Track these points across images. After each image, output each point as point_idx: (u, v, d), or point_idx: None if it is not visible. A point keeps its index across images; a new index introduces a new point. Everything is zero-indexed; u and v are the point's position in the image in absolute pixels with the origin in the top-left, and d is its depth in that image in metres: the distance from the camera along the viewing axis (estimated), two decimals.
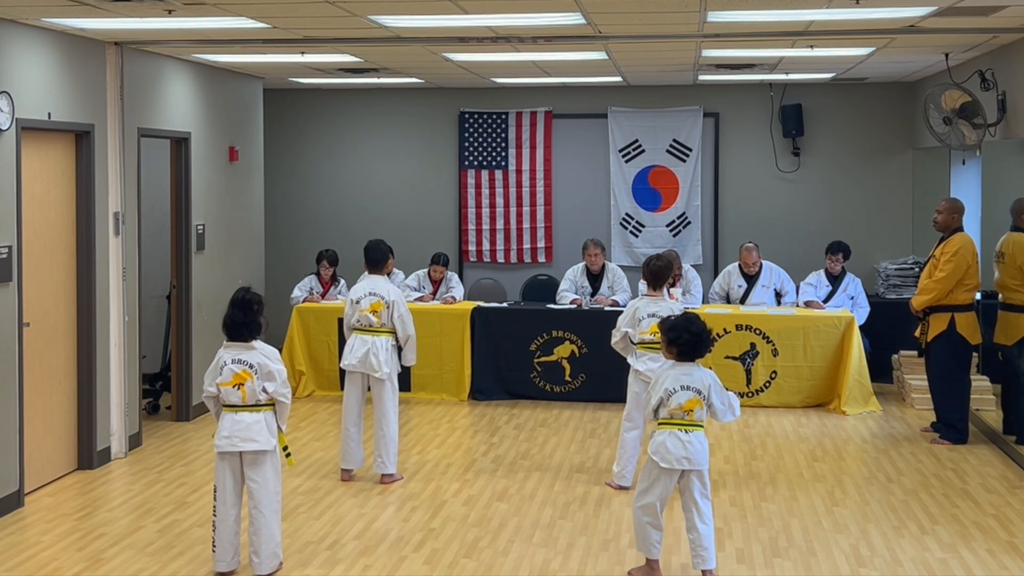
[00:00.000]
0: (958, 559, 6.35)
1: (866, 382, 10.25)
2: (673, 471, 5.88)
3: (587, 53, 9.58)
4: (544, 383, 10.76)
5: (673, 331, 5.96)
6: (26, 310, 7.58)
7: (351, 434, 7.97)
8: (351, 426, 7.97)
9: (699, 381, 5.91)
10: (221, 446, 6.03)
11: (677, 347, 5.95)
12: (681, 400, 5.85)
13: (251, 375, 6.01)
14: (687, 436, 5.86)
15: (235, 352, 6.06)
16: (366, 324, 7.88)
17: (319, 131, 13.31)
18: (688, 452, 5.85)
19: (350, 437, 7.97)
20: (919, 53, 9.71)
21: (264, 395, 6.03)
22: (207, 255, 10.31)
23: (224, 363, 6.04)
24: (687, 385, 5.88)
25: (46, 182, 7.93)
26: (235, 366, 6.02)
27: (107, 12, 7.15)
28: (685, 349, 5.93)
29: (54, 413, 8.05)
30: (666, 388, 5.88)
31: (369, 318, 7.86)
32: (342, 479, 7.95)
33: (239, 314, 6.09)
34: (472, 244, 13.04)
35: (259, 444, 6.01)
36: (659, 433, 5.91)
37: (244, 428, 6.00)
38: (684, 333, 5.92)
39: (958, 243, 8.87)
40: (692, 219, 12.68)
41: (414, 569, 6.21)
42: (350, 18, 7.51)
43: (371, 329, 7.88)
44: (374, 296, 7.89)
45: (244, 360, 6.03)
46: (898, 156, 12.46)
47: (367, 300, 7.88)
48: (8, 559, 6.39)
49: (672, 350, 5.97)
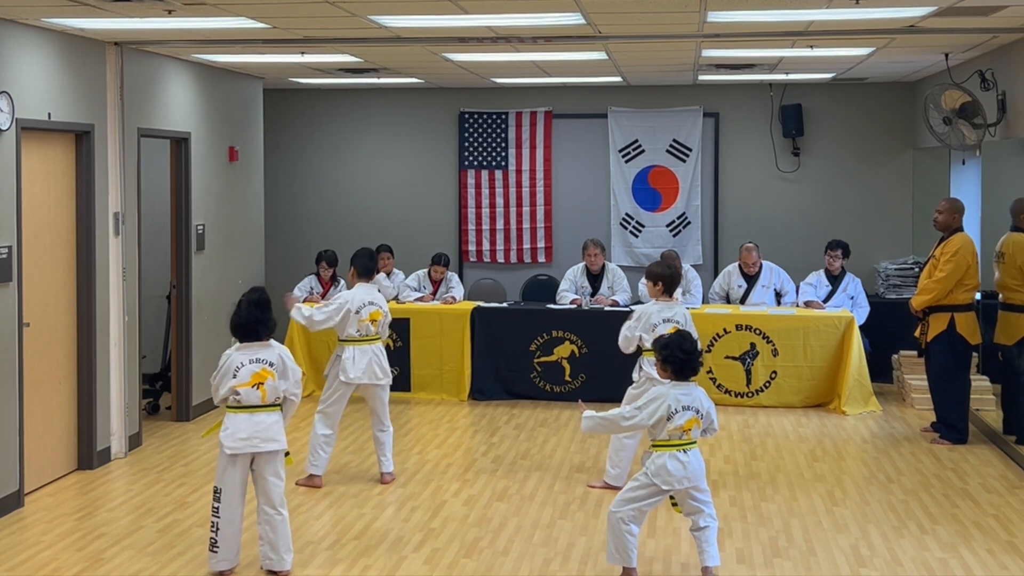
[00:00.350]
0: (958, 559, 6.35)
1: (866, 382, 10.25)
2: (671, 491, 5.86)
3: (587, 53, 9.58)
4: (544, 383, 10.76)
5: (667, 349, 5.93)
6: (26, 310, 7.58)
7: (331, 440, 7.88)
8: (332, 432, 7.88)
9: (698, 401, 5.87)
10: (238, 448, 5.98)
11: (671, 366, 5.91)
12: (682, 421, 5.82)
13: (271, 373, 6.01)
14: (686, 456, 5.82)
15: (251, 352, 6.05)
16: (366, 333, 7.86)
17: (319, 131, 13.31)
18: (688, 472, 5.81)
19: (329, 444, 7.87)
20: (919, 53, 9.71)
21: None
22: (207, 255, 10.32)
23: (240, 365, 6.02)
24: (688, 405, 5.84)
25: (46, 182, 7.93)
26: (253, 366, 6.01)
27: (107, 12, 7.15)
28: (678, 367, 5.90)
29: (54, 413, 8.05)
30: (669, 407, 5.82)
31: (370, 328, 7.85)
32: (315, 485, 7.84)
33: (256, 312, 6.10)
34: (472, 244, 13.04)
35: (279, 444, 6.04)
36: (657, 456, 5.83)
37: (265, 429, 6.00)
38: (677, 351, 5.89)
39: (958, 243, 8.87)
40: (692, 219, 12.68)
41: (414, 569, 6.21)
42: (350, 18, 7.51)
43: (369, 338, 7.87)
44: (373, 306, 7.86)
45: (263, 359, 6.03)
46: (898, 156, 12.46)
47: (367, 310, 7.85)
48: (8, 559, 6.39)
49: (667, 368, 5.94)
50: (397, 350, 10.87)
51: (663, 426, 5.81)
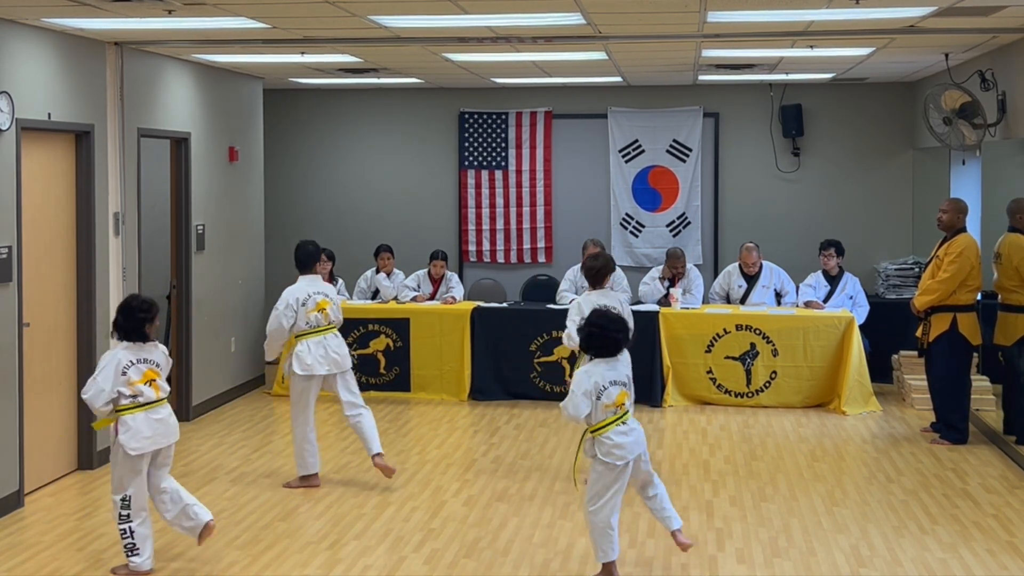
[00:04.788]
0: (958, 559, 6.35)
1: (866, 382, 10.25)
2: (628, 465, 5.84)
3: (587, 53, 9.58)
4: (544, 383, 10.76)
5: (585, 327, 5.99)
6: (26, 310, 7.58)
7: (311, 440, 7.83)
8: (310, 433, 7.82)
9: (623, 375, 5.91)
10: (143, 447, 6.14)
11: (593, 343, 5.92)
12: (613, 396, 5.83)
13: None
14: (627, 427, 5.85)
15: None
16: (316, 324, 7.78)
17: (319, 131, 13.31)
18: (635, 438, 5.85)
19: (310, 443, 7.82)
20: (919, 53, 9.71)
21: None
22: (207, 255, 10.32)
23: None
24: (614, 380, 5.86)
25: (46, 182, 7.93)
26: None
27: (107, 12, 7.15)
28: (597, 344, 5.90)
29: (54, 413, 8.05)
30: (596, 383, 5.80)
31: (319, 318, 7.76)
32: (312, 485, 7.81)
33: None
34: (472, 244, 13.04)
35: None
36: (605, 436, 5.81)
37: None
38: (594, 328, 5.93)
39: (962, 243, 8.86)
40: (692, 219, 12.68)
41: (414, 569, 6.21)
42: (350, 18, 7.51)
43: (319, 329, 7.77)
44: (319, 295, 7.79)
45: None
46: (898, 156, 12.46)
47: (312, 300, 7.75)
48: (8, 559, 6.39)
49: (590, 347, 5.96)
50: (397, 350, 10.87)
51: (596, 407, 5.80)
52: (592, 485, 5.89)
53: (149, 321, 6.17)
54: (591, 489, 5.89)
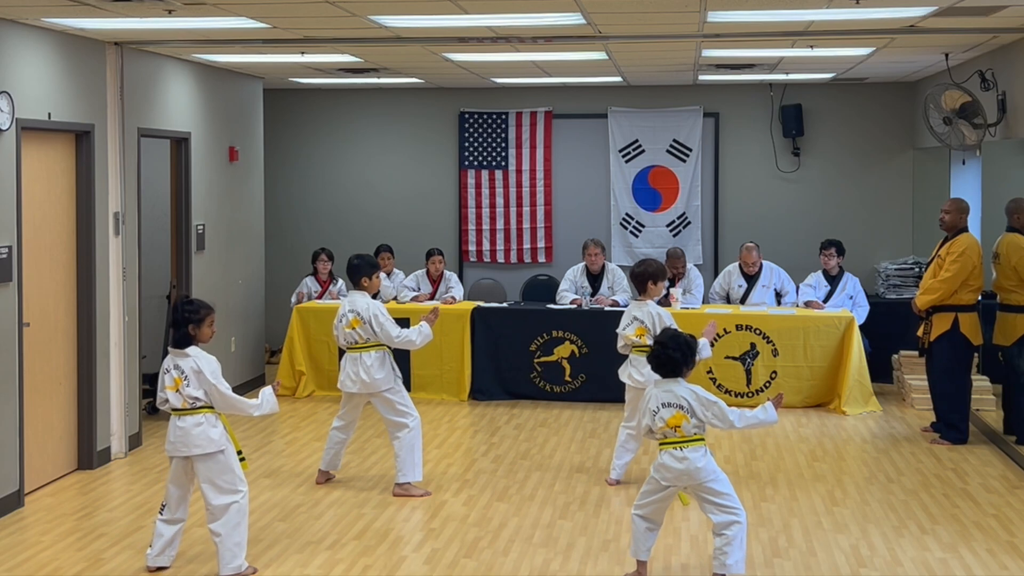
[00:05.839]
0: (958, 559, 6.35)
1: (866, 382, 10.25)
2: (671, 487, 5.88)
3: (587, 53, 9.58)
4: (544, 383, 10.76)
5: (654, 346, 6.00)
6: (26, 310, 7.58)
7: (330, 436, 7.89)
8: (332, 431, 7.90)
9: (680, 397, 5.83)
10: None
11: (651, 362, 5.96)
12: (665, 417, 5.83)
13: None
14: (681, 453, 5.82)
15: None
16: (350, 342, 7.73)
17: (319, 131, 13.31)
18: (686, 467, 5.78)
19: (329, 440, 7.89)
20: (919, 53, 9.71)
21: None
22: (207, 255, 10.32)
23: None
24: (668, 402, 5.82)
25: (46, 182, 7.93)
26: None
27: (107, 12, 7.15)
28: (654, 364, 5.92)
29: (54, 413, 8.05)
30: (650, 408, 5.85)
31: (352, 335, 7.66)
32: (318, 482, 7.90)
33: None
34: (472, 244, 13.04)
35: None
36: (661, 453, 5.88)
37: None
38: (656, 346, 5.95)
39: (964, 243, 8.85)
40: (692, 219, 12.69)
41: (414, 569, 6.21)
42: (350, 18, 7.51)
43: (353, 347, 7.69)
44: (352, 313, 7.68)
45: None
46: (898, 156, 12.46)
47: (346, 318, 7.67)
48: (8, 559, 6.39)
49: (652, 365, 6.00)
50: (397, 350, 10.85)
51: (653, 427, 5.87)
52: (645, 488, 6.00)
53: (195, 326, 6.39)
54: (644, 490, 6.00)
